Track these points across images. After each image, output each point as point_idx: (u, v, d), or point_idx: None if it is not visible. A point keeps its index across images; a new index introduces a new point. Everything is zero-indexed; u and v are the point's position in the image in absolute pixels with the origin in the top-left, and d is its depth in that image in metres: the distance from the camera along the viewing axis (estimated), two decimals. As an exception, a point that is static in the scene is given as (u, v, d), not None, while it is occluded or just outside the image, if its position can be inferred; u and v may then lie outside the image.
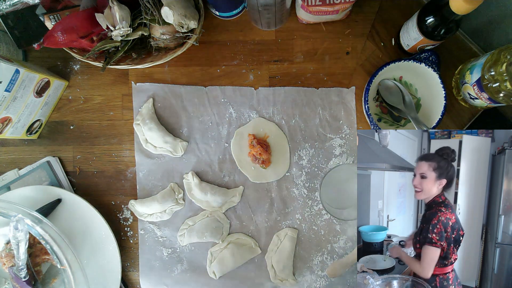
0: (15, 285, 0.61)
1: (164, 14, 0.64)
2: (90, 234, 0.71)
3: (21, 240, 0.59)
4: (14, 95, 0.64)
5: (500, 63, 0.57)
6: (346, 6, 0.65)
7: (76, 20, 0.63)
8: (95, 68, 0.75)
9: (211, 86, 0.74)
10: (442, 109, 0.67)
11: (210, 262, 0.73)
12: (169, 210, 0.73)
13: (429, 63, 0.67)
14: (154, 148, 0.74)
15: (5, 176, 0.74)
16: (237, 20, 0.75)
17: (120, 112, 0.76)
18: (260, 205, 0.73)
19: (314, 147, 0.73)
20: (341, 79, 0.74)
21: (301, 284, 0.73)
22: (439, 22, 0.60)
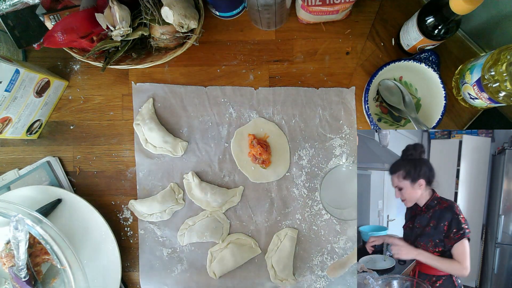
0: (15, 285, 0.61)
1: (164, 14, 0.64)
2: (90, 234, 0.71)
3: (21, 240, 0.59)
4: (14, 95, 0.64)
5: (500, 63, 0.57)
6: (346, 6, 0.65)
7: (76, 20, 0.63)
8: (95, 68, 0.75)
9: (211, 86, 0.74)
10: (442, 109, 0.67)
11: (210, 262, 0.73)
12: (169, 210, 0.73)
13: (429, 63, 0.67)
14: (154, 148, 0.74)
15: (5, 176, 0.74)
16: (237, 20, 0.75)
17: (120, 112, 0.76)
18: (260, 205, 0.73)
19: (314, 147, 0.73)
20: (341, 79, 0.74)
21: (301, 284, 0.73)
22: (439, 22, 0.60)
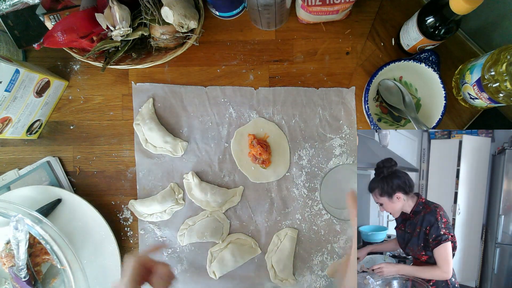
0: (15, 285, 0.61)
1: (164, 14, 0.64)
2: (90, 234, 0.71)
3: (21, 240, 0.59)
4: (14, 95, 0.64)
5: (500, 63, 0.57)
6: (346, 6, 0.65)
7: (76, 20, 0.63)
8: (95, 68, 0.75)
9: (211, 86, 0.74)
10: (442, 109, 0.67)
11: (210, 262, 0.73)
12: (169, 210, 0.73)
13: (429, 63, 0.67)
14: (154, 148, 0.74)
15: (5, 176, 0.74)
16: (237, 20, 0.75)
17: (120, 112, 0.76)
18: (260, 205, 0.73)
19: (314, 147, 0.73)
20: (341, 79, 0.74)
21: (301, 284, 0.73)
22: (439, 22, 0.60)
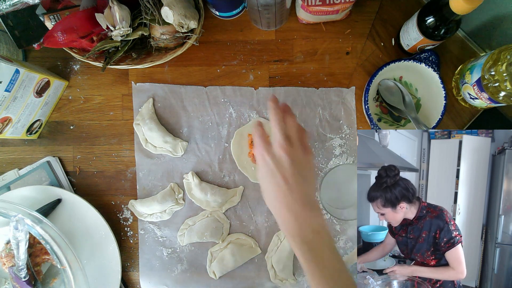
0: (15, 285, 0.61)
1: (164, 14, 0.64)
2: (90, 234, 0.71)
3: (21, 240, 0.59)
4: (14, 95, 0.64)
5: (500, 63, 0.57)
6: (346, 6, 0.65)
7: (76, 20, 0.63)
8: (95, 68, 0.75)
9: (211, 86, 0.74)
10: (442, 109, 0.67)
11: (210, 262, 0.73)
12: (169, 210, 0.73)
13: (429, 63, 0.67)
14: (154, 148, 0.74)
15: (5, 176, 0.74)
16: (237, 20, 0.75)
17: (120, 112, 0.76)
18: (260, 205, 0.73)
19: (314, 147, 0.73)
20: (341, 79, 0.74)
21: (301, 284, 0.73)
22: (439, 22, 0.60)
